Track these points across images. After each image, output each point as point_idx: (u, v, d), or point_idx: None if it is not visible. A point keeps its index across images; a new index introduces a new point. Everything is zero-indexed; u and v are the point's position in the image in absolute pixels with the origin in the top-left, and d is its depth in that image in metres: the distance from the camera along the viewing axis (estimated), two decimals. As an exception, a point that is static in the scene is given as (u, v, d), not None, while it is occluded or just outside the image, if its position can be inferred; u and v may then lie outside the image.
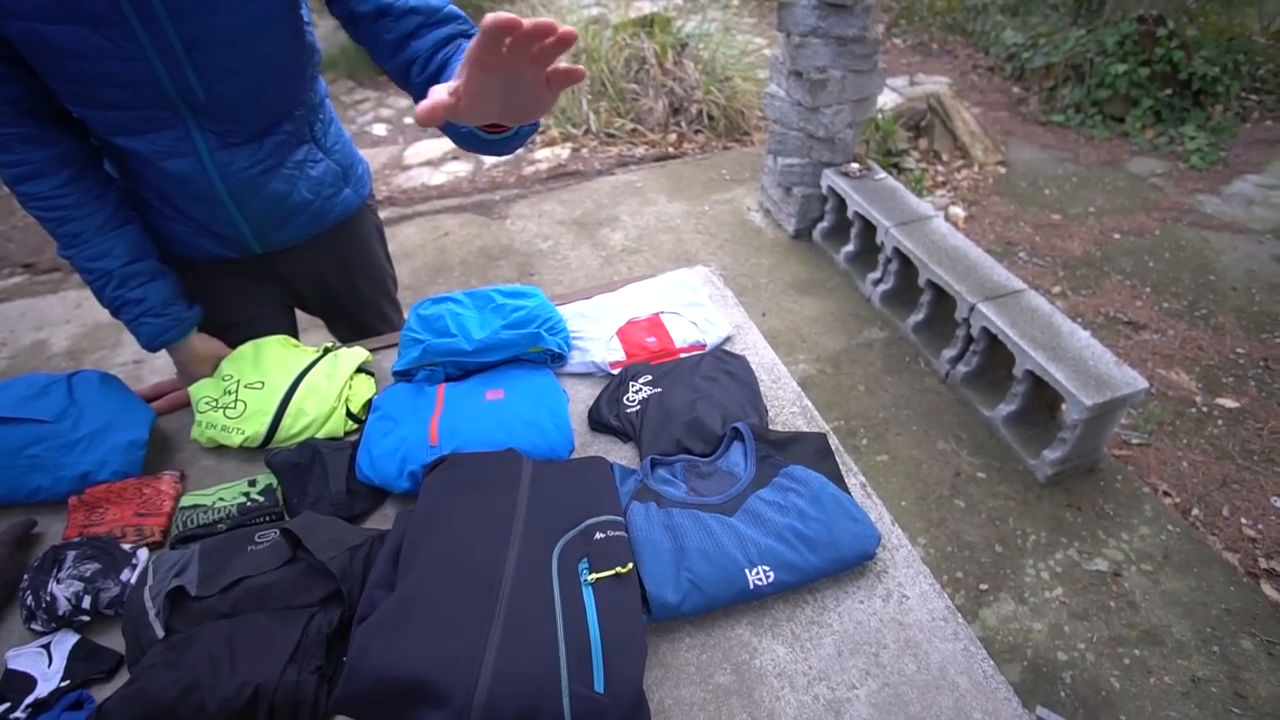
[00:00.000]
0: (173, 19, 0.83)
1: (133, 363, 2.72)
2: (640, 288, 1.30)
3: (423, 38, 0.91)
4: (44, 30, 0.80)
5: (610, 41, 4.43)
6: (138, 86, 0.88)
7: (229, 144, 1.00)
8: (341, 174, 1.21)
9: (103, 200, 1.01)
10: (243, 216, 1.11)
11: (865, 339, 2.67)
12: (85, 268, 1.04)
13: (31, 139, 0.92)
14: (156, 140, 0.96)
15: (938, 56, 6.05)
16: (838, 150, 2.94)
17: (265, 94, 1.00)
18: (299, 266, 1.26)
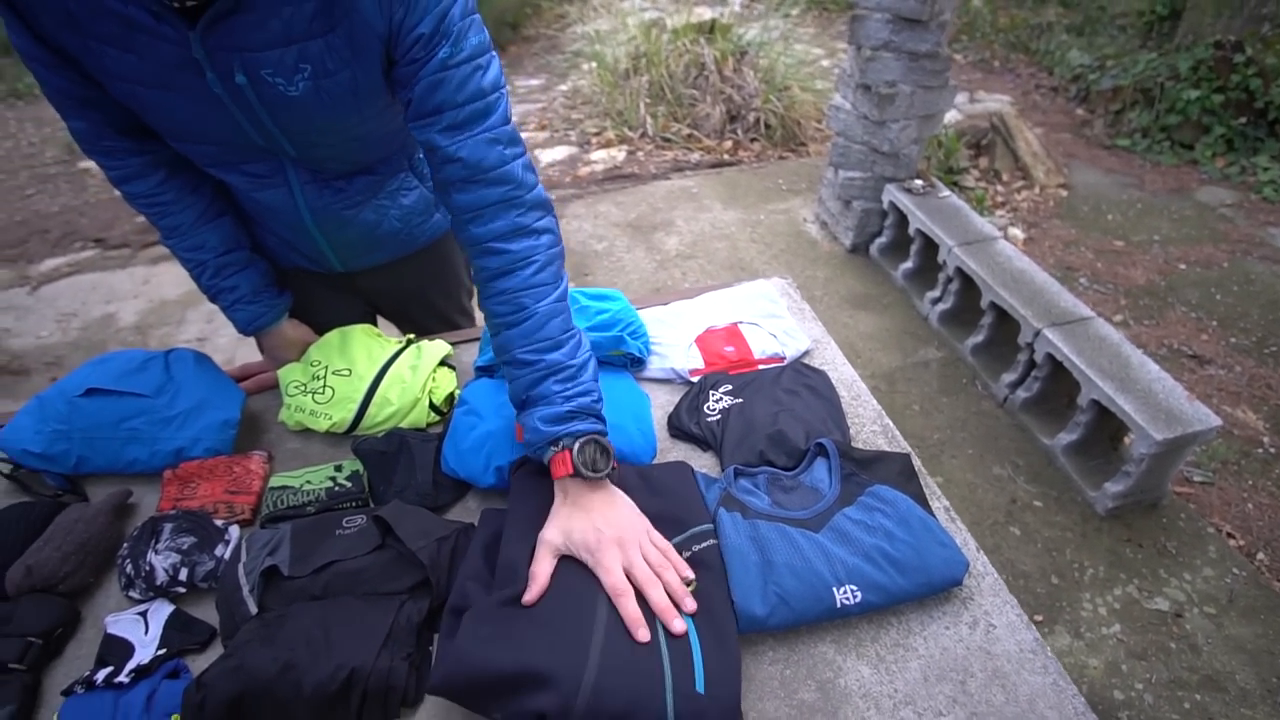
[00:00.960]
0: (267, 109, 0.84)
1: (196, 340, 2.79)
2: (717, 296, 1.29)
3: (467, 192, 0.85)
4: (143, 93, 0.82)
5: (670, 46, 4.44)
6: (231, 142, 0.90)
7: (320, 180, 1.02)
8: (434, 200, 1.21)
9: (198, 195, 1.04)
10: (328, 244, 1.13)
11: (921, 358, 2.63)
12: (184, 257, 1.08)
13: (130, 150, 0.95)
14: (250, 172, 0.97)
15: (999, 74, 5.96)
16: (901, 166, 2.90)
17: (359, 155, 1.02)
18: (379, 284, 1.28)
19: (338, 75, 0.82)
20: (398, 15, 0.78)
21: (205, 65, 0.78)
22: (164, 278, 3.19)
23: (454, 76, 0.81)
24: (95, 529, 0.92)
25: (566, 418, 0.85)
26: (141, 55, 0.77)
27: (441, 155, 0.84)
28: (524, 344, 0.87)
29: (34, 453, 1.01)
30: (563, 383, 0.86)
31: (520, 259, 0.87)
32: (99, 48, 0.77)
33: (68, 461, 1.01)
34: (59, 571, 0.87)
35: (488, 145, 0.84)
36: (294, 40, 0.78)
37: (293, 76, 0.81)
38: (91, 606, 0.89)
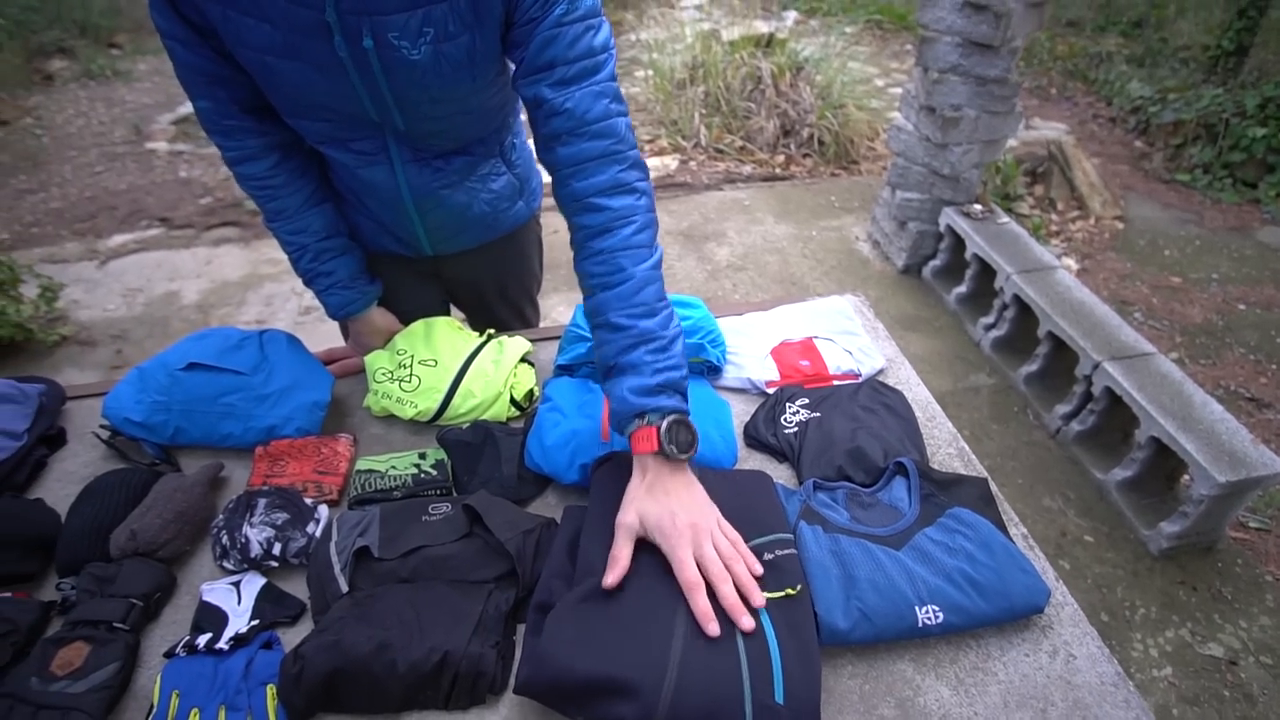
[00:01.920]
0: (387, 75, 0.88)
1: (256, 322, 2.86)
2: (792, 310, 1.30)
3: (569, 145, 0.87)
4: (272, 62, 0.86)
5: (727, 58, 4.46)
6: (346, 114, 0.94)
7: (421, 159, 1.05)
8: (519, 188, 1.24)
9: (305, 180, 1.08)
10: (422, 224, 1.17)
11: (972, 383, 2.61)
12: (286, 240, 1.11)
13: (250, 130, 1.00)
14: (357, 149, 1.01)
15: (1056, 102, 5.88)
16: (960, 190, 2.89)
17: (463, 130, 1.05)
18: (460, 270, 1.32)
19: (458, 39, 0.86)
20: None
21: (335, 28, 0.81)
22: (226, 259, 3.28)
23: (567, 33, 0.84)
24: (192, 499, 0.96)
25: (655, 390, 0.84)
26: (276, 23, 0.81)
27: (548, 109, 0.86)
28: (619, 307, 0.87)
29: (135, 421, 1.05)
30: (654, 353, 0.86)
31: (620, 217, 0.88)
32: (238, 18, 0.82)
33: (165, 432, 1.05)
34: (159, 538, 0.90)
35: (594, 98, 0.86)
36: (420, 4, 0.81)
37: (416, 40, 0.84)
38: (186, 574, 0.92)
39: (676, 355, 0.87)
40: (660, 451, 0.82)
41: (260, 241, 3.41)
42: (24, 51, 6.01)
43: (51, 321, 2.85)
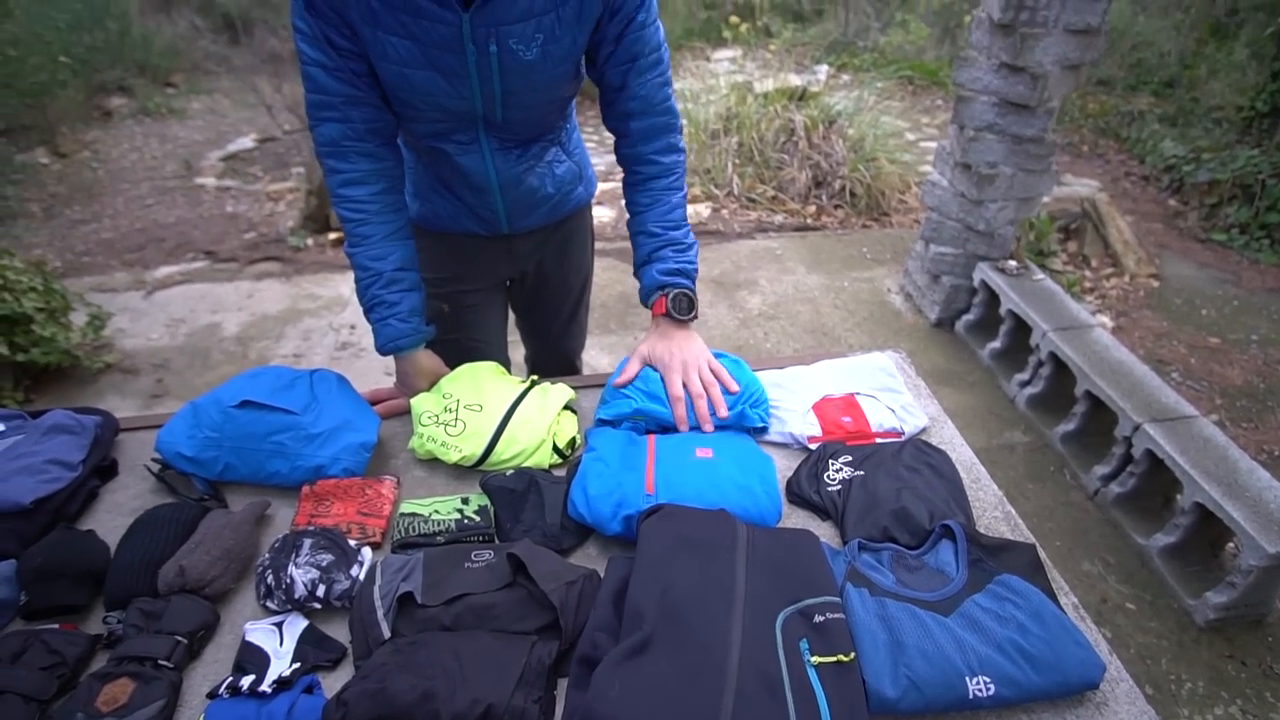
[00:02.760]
0: (502, 75, 1.06)
1: (293, 356, 2.92)
2: (834, 365, 1.30)
3: (640, 120, 1.19)
4: (408, 73, 1.04)
5: (761, 110, 4.55)
6: (456, 112, 1.12)
7: (506, 147, 1.23)
8: (579, 173, 1.42)
9: (396, 215, 1.17)
10: (503, 203, 1.31)
11: (1007, 441, 2.57)
12: (362, 264, 1.16)
13: (366, 153, 1.11)
14: (457, 140, 1.18)
15: (1088, 159, 5.89)
16: (995, 245, 2.89)
17: (544, 117, 1.24)
18: (530, 248, 1.47)
19: (561, 40, 1.05)
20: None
21: (468, 39, 1.00)
22: (266, 293, 3.36)
23: (646, 34, 1.11)
24: (240, 536, 0.97)
25: (674, 273, 1.22)
26: (418, 39, 1.00)
27: (629, 92, 1.15)
28: (657, 220, 1.22)
29: (186, 456, 1.07)
30: (676, 252, 1.22)
31: (668, 169, 1.23)
32: (385, 37, 1.00)
33: (215, 468, 1.07)
34: (207, 574, 0.91)
35: (660, 86, 1.17)
36: (535, 14, 1.01)
37: (530, 44, 1.04)
38: (229, 612, 0.93)
39: (692, 257, 1.24)
40: (667, 313, 1.20)
41: (300, 277, 3.49)
42: (86, 89, 6.30)
43: (97, 349, 2.93)
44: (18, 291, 2.63)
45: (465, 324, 1.46)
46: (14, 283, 2.63)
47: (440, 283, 1.38)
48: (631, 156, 1.22)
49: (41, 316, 2.67)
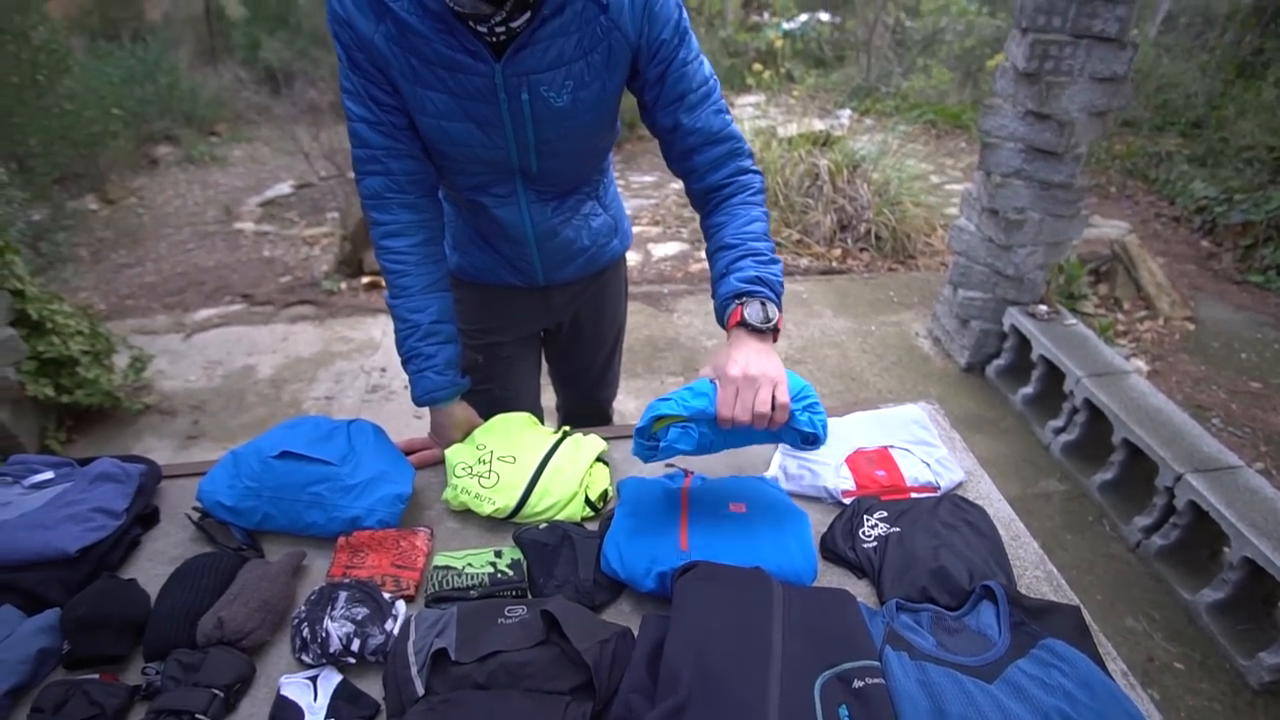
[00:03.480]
0: (535, 123, 1.09)
1: (325, 398, 2.96)
2: (867, 417, 1.29)
3: (703, 153, 1.14)
4: (445, 125, 1.07)
5: (785, 155, 4.61)
6: (495, 163, 1.15)
7: (542, 199, 1.25)
8: (614, 226, 1.43)
9: (435, 266, 1.20)
10: (539, 255, 1.33)
11: (1042, 489, 2.51)
12: (401, 316, 1.19)
13: (408, 205, 1.15)
14: (495, 193, 1.21)
15: (1116, 200, 5.86)
16: (1025, 290, 2.87)
17: (579, 169, 1.26)
18: (565, 300, 1.48)
19: (591, 86, 1.07)
20: (645, 30, 1.05)
21: (501, 88, 1.03)
22: (301, 336, 3.44)
23: (689, 70, 1.10)
24: (277, 588, 0.98)
25: (755, 281, 1.06)
26: (454, 92, 1.03)
27: (684, 130, 1.12)
28: (733, 232, 1.11)
29: (226, 505, 1.09)
30: (757, 264, 1.07)
31: (743, 186, 1.15)
32: (423, 93, 1.04)
33: (253, 518, 1.09)
34: (245, 626, 0.92)
35: (714, 114, 1.13)
36: (564, 63, 1.03)
37: (560, 91, 1.06)
38: (263, 664, 0.93)
39: (775, 270, 1.09)
40: (742, 322, 1.03)
41: (333, 320, 3.57)
42: (136, 138, 6.58)
43: (137, 390, 3.00)
44: (65, 335, 2.72)
45: (499, 375, 1.46)
46: (62, 326, 2.72)
47: (476, 334, 1.41)
48: (701, 190, 1.17)
49: (87, 359, 2.76)
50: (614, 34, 1.03)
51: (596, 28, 1.01)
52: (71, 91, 5.13)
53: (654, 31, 1.05)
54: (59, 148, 4.99)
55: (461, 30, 0.97)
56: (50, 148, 4.89)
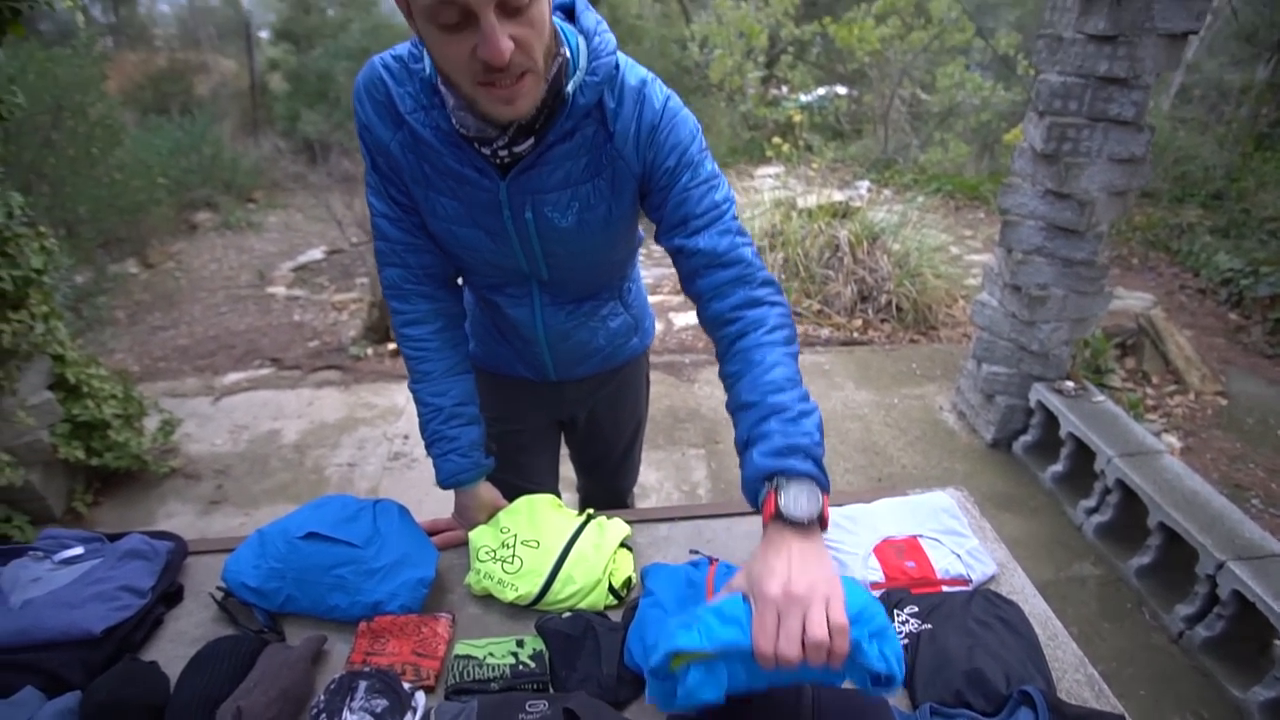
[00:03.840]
0: (540, 239, 1.09)
1: (347, 465, 2.98)
2: (895, 505, 1.27)
3: (706, 277, 1.04)
4: (455, 229, 1.09)
5: (805, 226, 4.69)
6: (505, 268, 1.15)
7: (557, 302, 1.24)
8: (634, 326, 1.41)
9: (455, 351, 1.22)
10: (550, 355, 1.32)
11: (1076, 573, 2.43)
12: (424, 400, 1.20)
13: (424, 296, 1.18)
14: (509, 293, 1.21)
15: (1139, 271, 5.84)
16: (1050, 366, 2.84)
17: (594, 278, 1.25)
18: (580, 395, 1.46)
19: (597, 209, 1.06)
20: (649, 157, 1.02)
21: (505, 205, 1.03)
22: (325, 402, 3.48)
23: (694, 195, 1.04)
24: (296, 675, 0.97)
25: (785, 451, 0.87)
26: (462, 200, 1.04)
27: (686, 251, 1.05)
28: (751, 386, 0.95)
29: (250, 587, 1.09)
30: (784, 423, 0.89)
31: (754, 323, 1.00)
32: (435, 198, 1.05)
33: (276, 599, 1.09)
34: (263, 717, 0.91)
35: (719, 235, 1.03)
36: (570, 185, 1.03)
37: (565, 212, 1.05)
38: (281, 756, 0.91)
39: (809, 427, 0.90)
40: (778, 513, 0.82)
41: (359, 386, 3.62)
42: (177, 205, 6.86)
43: (164, 453, 3.04)
44: (100, 398, 2.78)
45: (514, 464, 1.41)
46: (97, 390, 2.79)
47: (491, 421, 1.37)
48: (709, 320, 1.06)
49: (118, 423, 2.81)
50: (619, 161, 1.02)
51: (604, 154, 1.01)
52: (122, 162, 5.40)
53: (659, 158, 1.02)
54: (106, 215, 5.22)
55: (468, 149, 0.98)
56: (98, 215, 5.12)
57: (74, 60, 4.90)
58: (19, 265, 2.40)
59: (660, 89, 1.03)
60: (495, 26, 0.78)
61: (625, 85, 0.99)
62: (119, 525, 2.67)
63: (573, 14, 1.00)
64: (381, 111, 1.01)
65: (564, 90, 0.94)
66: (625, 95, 0.99)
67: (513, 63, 0.81)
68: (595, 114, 0.99)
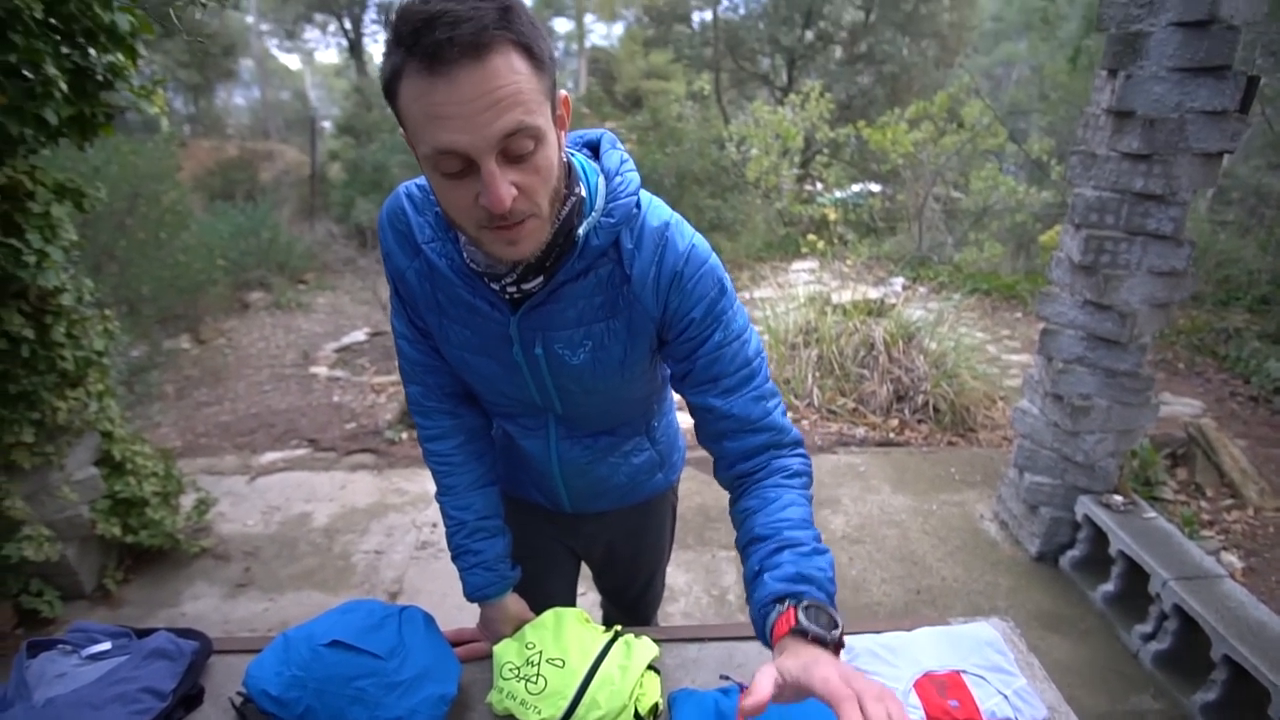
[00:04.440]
0: (552, 375, 1.06)
1: (375, 552, 2.97)
2: (936, 635, 1.22)
3: (736, 440, 1.03)
4: (468, 357, 1.08)
5: (840, 323, 4.70)
6: (518, 399, 1.13)
7: (574, 436, 1.19)
8: (659, 462, 1.32)
9: (479, 463, 1.21)
10: (566, 489, 1.28)
11: (1135, 707, 2.26)
12: (449, 513, 1.21)
13: (446, 413, 1.18)
14: (523, 424, 1.19)
15: (1185, 377, 5.69)
16: (1096, 478, 2.74)
17: (613, 414, 1.19)
18: (598, 528, 1.40)
19: (611, 349, 1.02)
20: (673, 303, 0.98)
21: (515, 339, 1.01)
22: (358, 485, 3.51)
23: (727, 353, 1.01)
24: (310, 797, 0.94)
25: (797, 579, 0.87)
26: (475, 330, 1.03)
27: (717, 414, 1.01)
28: (765, 521, 0.95)
29: (271, 695, 1.07)
30: (797, 556, 0.89)
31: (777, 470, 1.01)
32: (448, 325, 1.05)
33: (296, 709, 1.06)
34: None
35: (753, 402, 1.01)
36: (583, 323, 1.00)
37: (576, 350, 1.02)
38: None
39: (823, 564, 0.90)
40: (798, 626, 0.81)
41: (391, 470, 3.64)
42: (233, 284, 7.19)
43: (197, 532, 3.07)
44: (141, 476, 2.84)
45: (528, 590, 1.30)
46: (140, 467, 2.85)
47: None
48: (730, 479, 1.05)
49: (156, 500, 2.85)
50: (636, 305, 0.98)
51: (620, 295, 0.98)
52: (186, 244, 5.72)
53: (683, 307, 0.98)
54: (167, 294, 5.48)
55: (479, 283, 0.97)
56: (160, 294, 5.38)
57: (154, 153, 5.29)
58: (82, 346, 2.52)
59: (684, 232, 0.99)
60: (497, 174, 0.76)
61: (646, 227, 0.97)
62: (146, 605, 2.67)
63: (598, 150, 1.00)
64: (401, 240, 1.02)
65: (575, 231, 0.92)
66: (645, 237, 0.96)
67: (515, 209, 0.79)
68: (612, 254, 0.96)
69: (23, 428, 2.35)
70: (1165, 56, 2.26)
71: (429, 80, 0.72)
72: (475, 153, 0.75)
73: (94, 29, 2.09)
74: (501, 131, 0.74)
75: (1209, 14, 2.14)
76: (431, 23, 0.70)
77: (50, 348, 2.37)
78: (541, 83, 0.77)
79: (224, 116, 17.60)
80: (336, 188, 10.72)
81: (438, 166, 0.78)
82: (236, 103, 20.80)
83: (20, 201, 2.21)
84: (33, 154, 2.26)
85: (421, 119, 0.75)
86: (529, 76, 0.75)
